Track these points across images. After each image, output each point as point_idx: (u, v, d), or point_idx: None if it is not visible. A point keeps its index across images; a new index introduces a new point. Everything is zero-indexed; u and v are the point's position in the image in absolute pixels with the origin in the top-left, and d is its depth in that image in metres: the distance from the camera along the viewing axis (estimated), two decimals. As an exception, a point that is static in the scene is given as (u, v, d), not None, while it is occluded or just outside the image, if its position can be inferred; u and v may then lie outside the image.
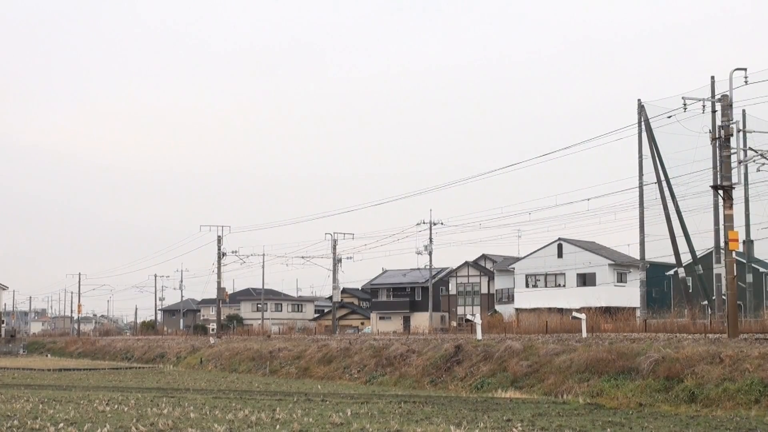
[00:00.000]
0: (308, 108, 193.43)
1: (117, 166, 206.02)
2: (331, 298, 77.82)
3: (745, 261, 47.40)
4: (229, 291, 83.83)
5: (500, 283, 76.60)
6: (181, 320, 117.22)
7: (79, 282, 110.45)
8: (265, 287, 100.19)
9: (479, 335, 34.27)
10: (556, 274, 70.35)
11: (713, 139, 31.53)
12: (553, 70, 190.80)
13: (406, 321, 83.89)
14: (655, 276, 60.79)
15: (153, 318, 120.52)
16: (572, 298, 64.37)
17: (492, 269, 79.34)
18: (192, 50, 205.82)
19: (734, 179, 28.86)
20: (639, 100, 44.73)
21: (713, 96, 36.57)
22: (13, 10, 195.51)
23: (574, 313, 36.89)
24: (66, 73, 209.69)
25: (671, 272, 60.19)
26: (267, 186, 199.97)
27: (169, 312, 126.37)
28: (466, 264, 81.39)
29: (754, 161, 30.89)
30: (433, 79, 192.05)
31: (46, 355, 72.59)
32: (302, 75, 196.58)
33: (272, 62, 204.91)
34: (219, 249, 69.22)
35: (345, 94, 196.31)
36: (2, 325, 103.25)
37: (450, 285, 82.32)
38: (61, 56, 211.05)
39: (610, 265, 68.36)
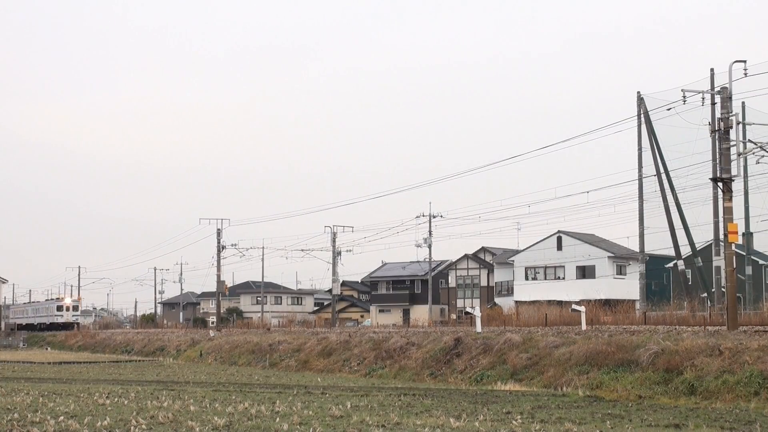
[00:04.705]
0: (308, 102, 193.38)
1: (117, 161, 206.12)
2: (330, 291, 77.84)
3: (744, 253, 47.42)
4: (229, 284, 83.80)
5: (500, 275, 76.63)
6: (181, 313, 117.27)
7: (79, 275, 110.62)
8: (265, 280, 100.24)
9: (479, 328, 34.27)
10: (555, 267, 70.37)
11: (713, 131, 31.54)
12: (553, 63, 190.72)
13: (406, 314, 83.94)
14: (655, 268, 60.81)
15: (153, 311, 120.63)
16: (572, 290, 64.44)
17: (491, 262, 79.36)
18: (191, 48, 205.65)
19: (734, 171, 28.83)
20: (638, 92, 44.71)
21: (713, 88, 36.51)
22: (13, 9, 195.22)
23: (574, 306, 36.88)
24: (65, 69, 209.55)
25: (671, 265, 60.21)
26: (266, 179, 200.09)
27: (169, 305, 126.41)
28: (466, 257, 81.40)
29: (753, 153, 30.89)
30: (434, 73, 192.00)
31: (46, 349, 72.61)
32: (302, 71, 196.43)
33: (271, 58, 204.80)
34: (218, 242, 69.27)
35: (345, 88, 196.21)
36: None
37: (449, 278, 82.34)
38: (60, 53, 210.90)
39: (609, 257, 68.39)
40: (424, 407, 18.18)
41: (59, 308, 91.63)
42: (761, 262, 58.15)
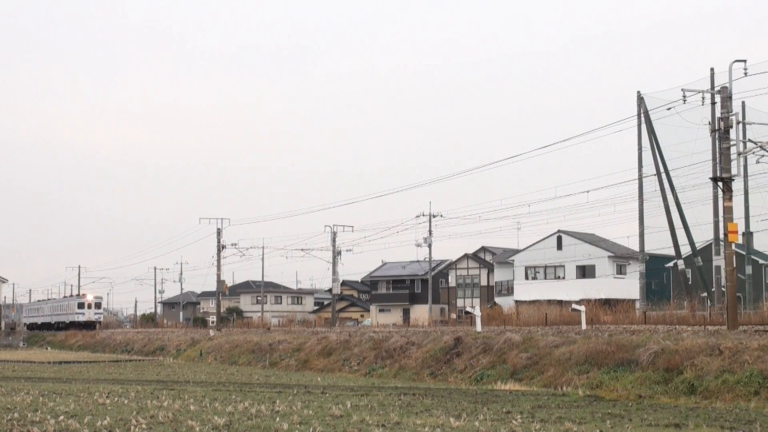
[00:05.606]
0: (308, 102, 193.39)
1: (117, 160, 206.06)
2: (330, 290, 77.82)
3: (744, 253, 47.40)
4: (229, 283, 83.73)
5: (500, 275, 76.62)
6: (181, 313, 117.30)
7: (79, 275, 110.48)
8: (265, 280, 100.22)
9: (479, 327, 34.27)
10: (555, 266, 70.37)
11: (713, 131, 31.52)
12: (553, 63, 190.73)
13: (406, 313, 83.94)
14: (655, 268, 60.80)
15: (153, 311, 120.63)
16: (572, 290, 64.42)
17: (491, 261, 79.35)
18: (191, 47, 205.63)
19: (734, 171, 28.82)
20: (638, 92, 44.65)
21: (713, 88, 36.48)
22: (13, 9, 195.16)
23: (574, 305, 36.88)
24: (65, 69, 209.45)
25: (671, 264, 60.20)
26: (266, 178, 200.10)
27: (169, 305, 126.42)
28: (466, 256, 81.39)
29: (753, 153, 30.89)
30: (434, 73, 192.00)
31: (46, 348, 72.60)
32: (301, 70, 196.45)
33: (272, 57, 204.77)
34: (218, 242, 69.21)
35: (345, 88, 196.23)
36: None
37: (449, 277, 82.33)
38: (60, 53, 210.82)
39: (609, 257, 68.38)
40: (424, 407, 18.17)
41: (80, 305, 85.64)
42: (761, 261, 58.13)
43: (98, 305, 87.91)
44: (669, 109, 37.99)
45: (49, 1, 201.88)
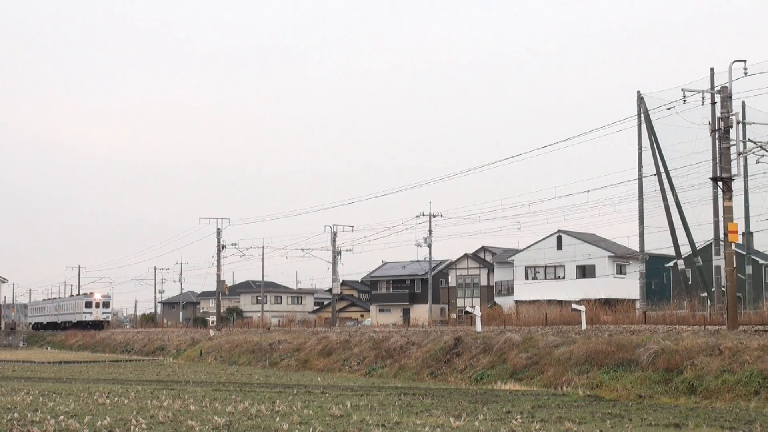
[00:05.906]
0: (308, 102, 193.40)
1: (116, 160, 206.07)
2: (330, 290, 77.83)
3: (744, 253, 47.41)
4: (229, 283, 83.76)
5: (500, 275, 76.63)
6: (181, 313, 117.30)
7: (79, 274, 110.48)
8: (265, 280, 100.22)
9: (479, 327, 34.28)
10: (555, 266, 70.37)
11: (713, 130, 31.52)
12: (553, 62, 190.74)
13: (406, 313, 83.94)
14: (655, 268, 60.82)
15: (153, 310, 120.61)
16: (572, 290, 64.41)
17: (491, 261, 79.35)
18: (191, 47, 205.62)
19: (734, 171, 28.83)
20: (638, 92, 44.64)
21: (713, 88, 36.47)
22: (13, 9, 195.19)
23: (574, 305, 36.88)
24: (66, 68, 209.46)
25: (671, 264, 60.22)
26: (266, 179, 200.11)
27: (169, 304, 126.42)
28: (466, 256, 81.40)
29: (753, 153, 30.91)
30: (433, 73, 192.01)
31: (46, 348, 72.59)
32: (302, 70, 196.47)
33: (272, 57, 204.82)
34: (218, 241, 69.21)
35: (345, 88, 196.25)
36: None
37: (449, 277, 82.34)
38: (62, 53, 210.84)
39: (609, 257, 68.39)
40: (424, 407, 18.18)
41: (88, 305, 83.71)
42: (761, 261, 58.14)
43: (106, 304, 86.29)
44: (669, 109, 37.97)
45: (49, 1, 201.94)
